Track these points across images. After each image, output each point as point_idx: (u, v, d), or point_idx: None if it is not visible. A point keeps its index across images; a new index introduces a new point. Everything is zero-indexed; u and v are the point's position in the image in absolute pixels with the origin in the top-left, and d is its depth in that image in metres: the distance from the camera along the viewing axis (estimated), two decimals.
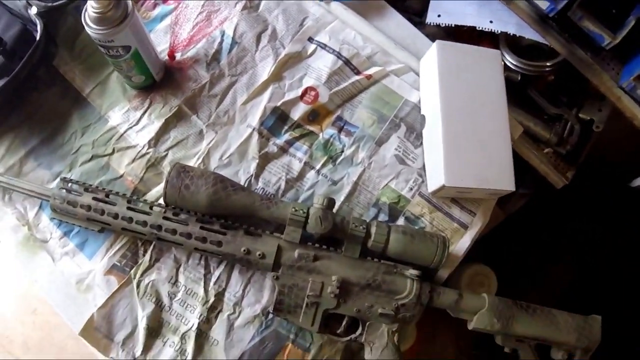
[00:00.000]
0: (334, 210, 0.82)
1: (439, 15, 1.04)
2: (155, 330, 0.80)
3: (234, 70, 0.90)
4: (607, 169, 1.13)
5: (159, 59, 0.87)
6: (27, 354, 1.46)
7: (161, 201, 0.79)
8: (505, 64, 1.03)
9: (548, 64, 1.01)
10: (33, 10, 0.89)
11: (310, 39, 0.92)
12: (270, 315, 0.81)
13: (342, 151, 0.87)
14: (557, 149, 1.04)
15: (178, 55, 0.89)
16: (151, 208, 0.79)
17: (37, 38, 0.87)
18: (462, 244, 0.86)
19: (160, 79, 0.88)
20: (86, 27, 0.76)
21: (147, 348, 0.80)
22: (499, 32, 1.00)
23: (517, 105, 1.04)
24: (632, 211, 1.10)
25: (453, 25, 1.02)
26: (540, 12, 0.93)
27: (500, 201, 1.13)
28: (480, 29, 1.00)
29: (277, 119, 0.87)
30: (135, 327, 0.80)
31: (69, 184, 0.80)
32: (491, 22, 1.01)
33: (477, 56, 0.86)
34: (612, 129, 1.05)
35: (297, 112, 0.88)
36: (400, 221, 0.85)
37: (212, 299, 0.81)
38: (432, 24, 1.03)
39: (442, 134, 0.80)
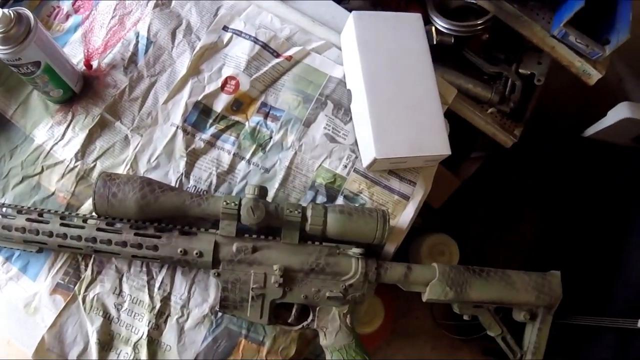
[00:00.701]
0: (269, 198, 0.81)
1: None
2: (107, 343, 0.79)
3: (153, 70, 0.88)
4: (555, 122, 1.11)
5: (75, 70, 0.85)
6: None
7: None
8: (437, 28, 1.01)
9: (479, 22, 0.99)
10: None
11: (225, 28, 0.89)
12: (219, 314, 0.80)
13: (271, 137, 0.85)
14: (501, 107, 1.02)
15: (95, 64, 0.87)
16: (85, 221, 0.77)
17: None
18: (405, 215, 0.84)
19: (80, 90, 0.86)
20: None
21: None
22: None
23: (455, 68, 1.02)
24: (585, 161, 1.08)
25: None
26: None
27: (453, 167, 1.12)
28: None
29: (200, 113, 0.85)
30: (87, 343, 0.79)
31: (3, 209, 0.79)
32: None
33: (397, 22, 0.84)
34: (555, 81, 1.03)
35: (220, 104, 0.86)
36: (339, 200, 0.83)
37: (158, 305, 0.79)
38: None
39: (368, 106, 0.79)
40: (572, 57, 0.94)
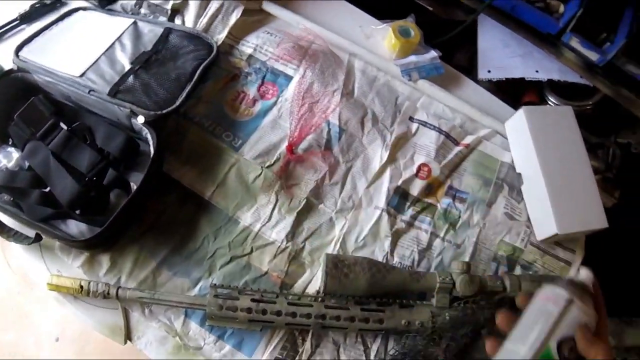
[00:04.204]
0: None
1: (489, 71, 1.15)
2: None
3: (347, 157, 0.97)
4: None
5: None
6: None
7: (309, 290, 0.85)
8: (548, 104, 1.16)
9: (590, 102, 1.14)
10: (140, 120, 0.89)
11: (411, 119, 1.01)
12: None
13: (459, 217, 0.96)
14: (606, 174, 1.18)
15: (297, 150, 0.95)
16: (316, 300, 0.83)
17: (152, 149, 0.87)
18: None
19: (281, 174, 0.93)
20: None
21: None
22: (545, 80, 1.12)
23: None
24: None
25: (504, 79, 1.14)
26: (588, 62, 1.07)
27: None
28: (529, 79, 1.13)
29: (399, 197, 0.96)
30: None
31: (218, 289, 0.83)
32: (537, 71, 1.13)
33: (555, 113, 0.99)
34: None
35: (416, 188, 0.96)
36: (518, 270, 0.95)
37: None
38: (484, 80, 1.14)
39: (547, 188, 0.91)
40: None
